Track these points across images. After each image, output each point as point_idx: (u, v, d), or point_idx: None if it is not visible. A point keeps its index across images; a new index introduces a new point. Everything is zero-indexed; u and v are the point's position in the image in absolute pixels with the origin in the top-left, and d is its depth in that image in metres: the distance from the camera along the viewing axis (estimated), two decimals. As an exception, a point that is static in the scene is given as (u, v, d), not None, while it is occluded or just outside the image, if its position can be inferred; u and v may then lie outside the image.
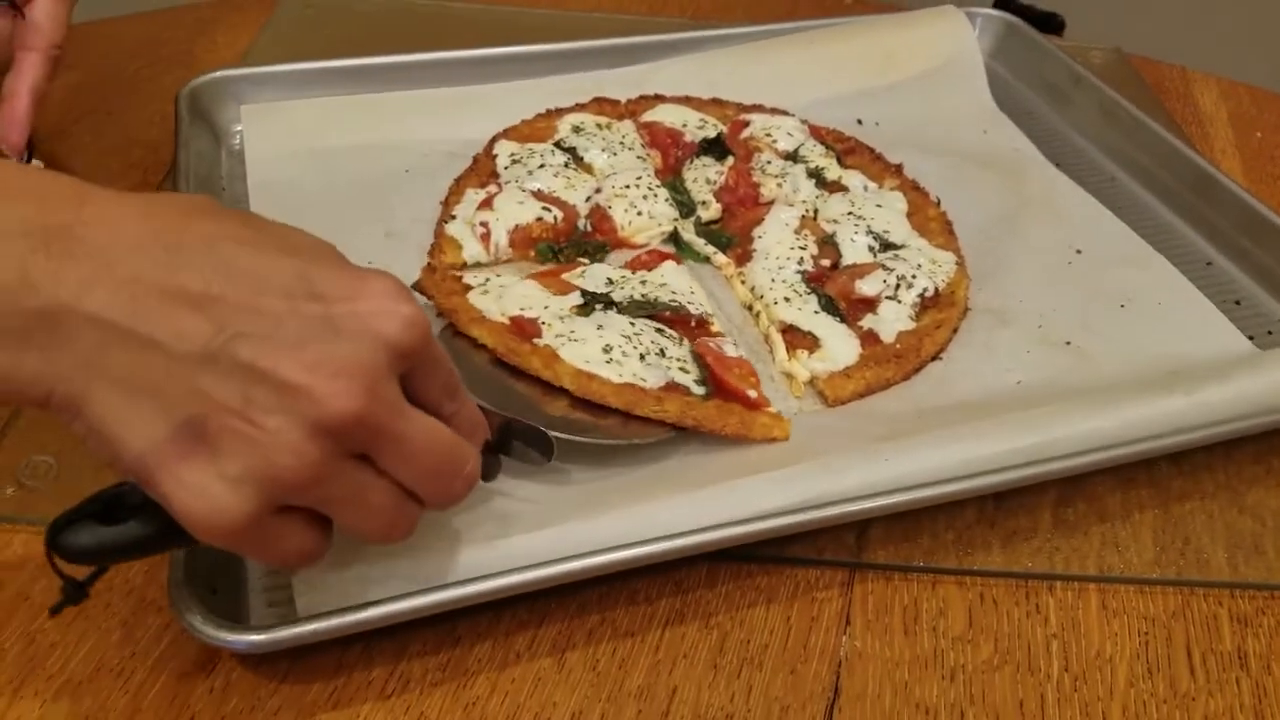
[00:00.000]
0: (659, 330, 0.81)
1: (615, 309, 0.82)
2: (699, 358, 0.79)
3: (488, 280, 0.83)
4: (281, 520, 0.50)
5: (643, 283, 0.86)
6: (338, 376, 0.46)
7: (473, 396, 0.60)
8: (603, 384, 0.73)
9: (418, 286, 0.84)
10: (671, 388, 0.75)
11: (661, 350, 0.78)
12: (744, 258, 0.94)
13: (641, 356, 0.76)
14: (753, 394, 0.76)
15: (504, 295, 0.81)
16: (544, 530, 0.64)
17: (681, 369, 0.77)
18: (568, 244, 0.95)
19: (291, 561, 0.54)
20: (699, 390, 0.76)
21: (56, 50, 0.89)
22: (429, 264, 0.85)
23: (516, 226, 0.93)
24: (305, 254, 0.50)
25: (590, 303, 0.82)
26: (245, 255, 0.48)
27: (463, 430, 0.56)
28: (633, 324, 0.79)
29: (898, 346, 0.84)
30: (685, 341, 0.81)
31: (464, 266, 0.92)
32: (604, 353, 0.76)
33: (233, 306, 0.47)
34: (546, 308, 0.80)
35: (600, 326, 0.78)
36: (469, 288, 0.83)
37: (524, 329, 0.78)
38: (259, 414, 0.46)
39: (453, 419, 0.55)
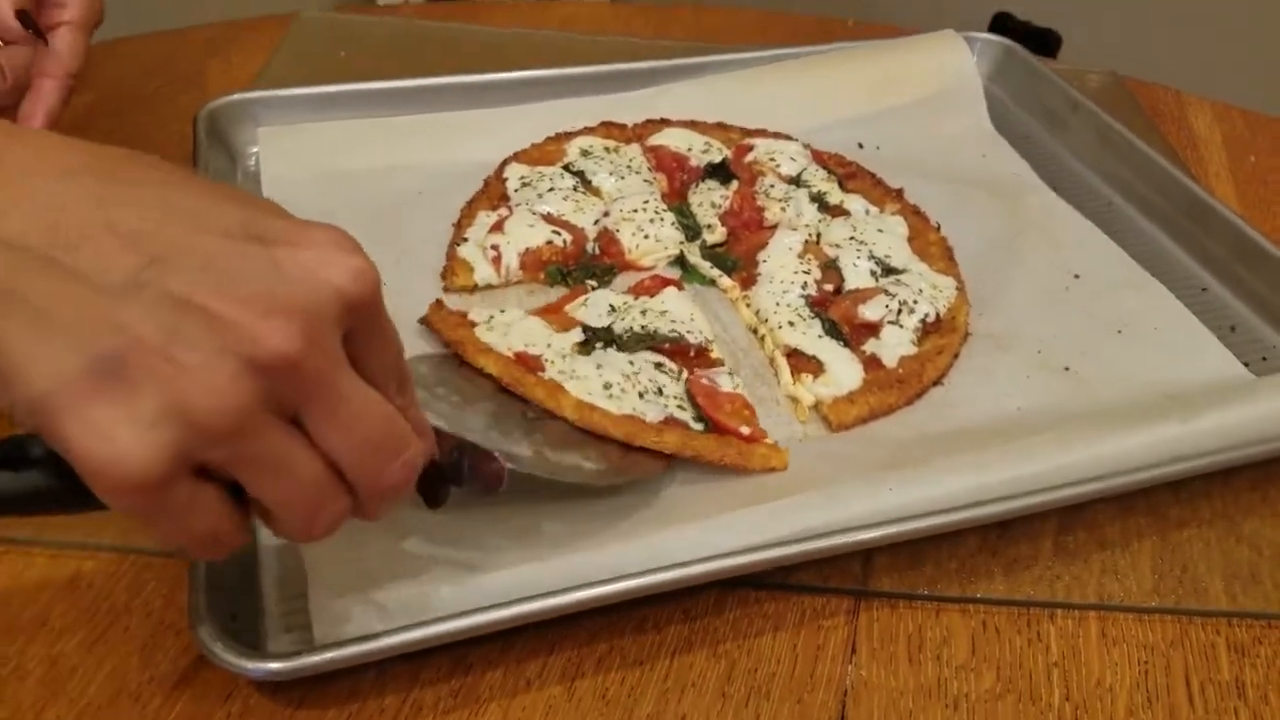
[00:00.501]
0: (658, 365, 0.82)
1: (615, 346, 0.83)
2: (692, 398, 0.80)
3: (492, 317, 0.85)
4: (194, 489, 0.45)
5: (643, 312, 0.88)
6: (273, 313, 0.43)
7: (436, 419, 0.57)
8: (604, 415, 0.75)
9: (424, 321, 0.85)
10: (671, 422, 0.77)
11: (659, 388, 0.79)
12: (749, 281, 0.95)
13: (640, 395, 0.78)
14: (746, 429, 0.77)
15: (509, 332, 0.82)
16: (552, 559, 0.65)
17: (679, 406, 0.79)
18: (576, 266, 0.97)
19: (199, 544, 0.48)
20: (697, 426, 0.78)
21: (73, 79, 0.91)
22: (436, 301, 0.87)
23: (527, 249, 0.95)
24: (251, 202, 0.48)
25: (591, 339, 0.84)
26: (186, 196, 0.46)
27: None
28: (631, 362, 0.81)
29: (900, 371, 0.85)
30: (682, 376, 0.82)
31: (475, 289, 0.94)
32: (604, 389, 0.77)
33: (167, 241, 0.43)
34: (549, 345, 0.82)
35: (600, 366, 0.80)
36: (474, 324, 0.84)
37: (528, 364, 0.80)
38: (183, 349, 0.41)
39: (400, 413, 0.51)
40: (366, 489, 0.50)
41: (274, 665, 0.59)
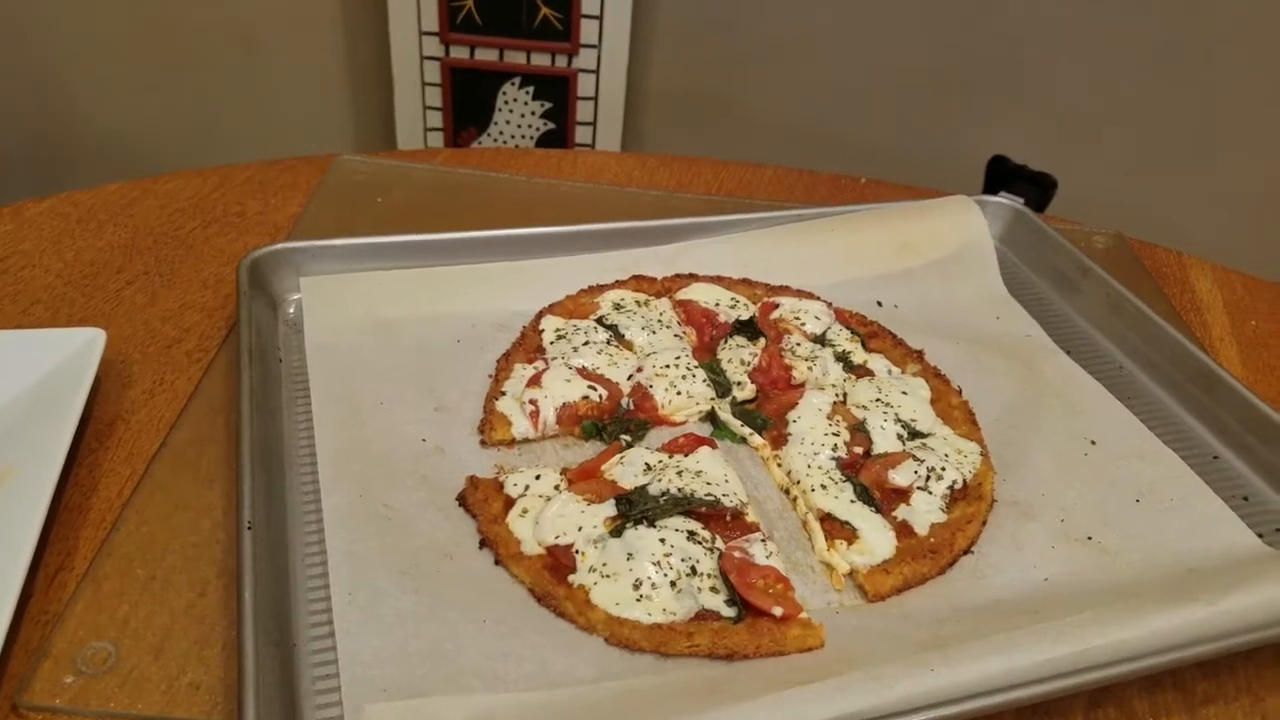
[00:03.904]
0: (690, 535, 0.83)
1: (646, 520, 0.84)
2: (725, 575, 0.81)
3: (527, 489, 0.87)
4: None
5: (679, 472, 0.90)
6: None
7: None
8: (634, 628, 0.77)
9: (461, 500, 0.88)
10: (703, 616, 0.78)
11: (693, 567, 0.81)
12: (779, 440, 0.98)
13: (673, 584, 0.79)
14: (778, 610, 0.78)
15: (541, 517, 0.84)
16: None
17: (712, 589, 0.80)
18: (611, 421, 0.99)
19: None
20: (729, 612, 0.79)
21: None
22: (470, 479, 0.89)
23: (564, 404, 0.97)
24: None
25: (623, 514, 0.85)
26: None
27: None
28: (663, 540, 0.82)
29: (932, 540, 0.87)
30: (716, 545, 0.83)
31: (512, 443, 0.96)
32: (634, 589, 0.79)
33: None
34: (580, 529, 0.83)
35: (631, 555, 0.81)
36: (510, 501, 0.86)
37: (559, 560, 0.81)
38: None
39: None
40: None
41: None
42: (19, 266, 1.15)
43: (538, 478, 0.89)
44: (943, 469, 0.93)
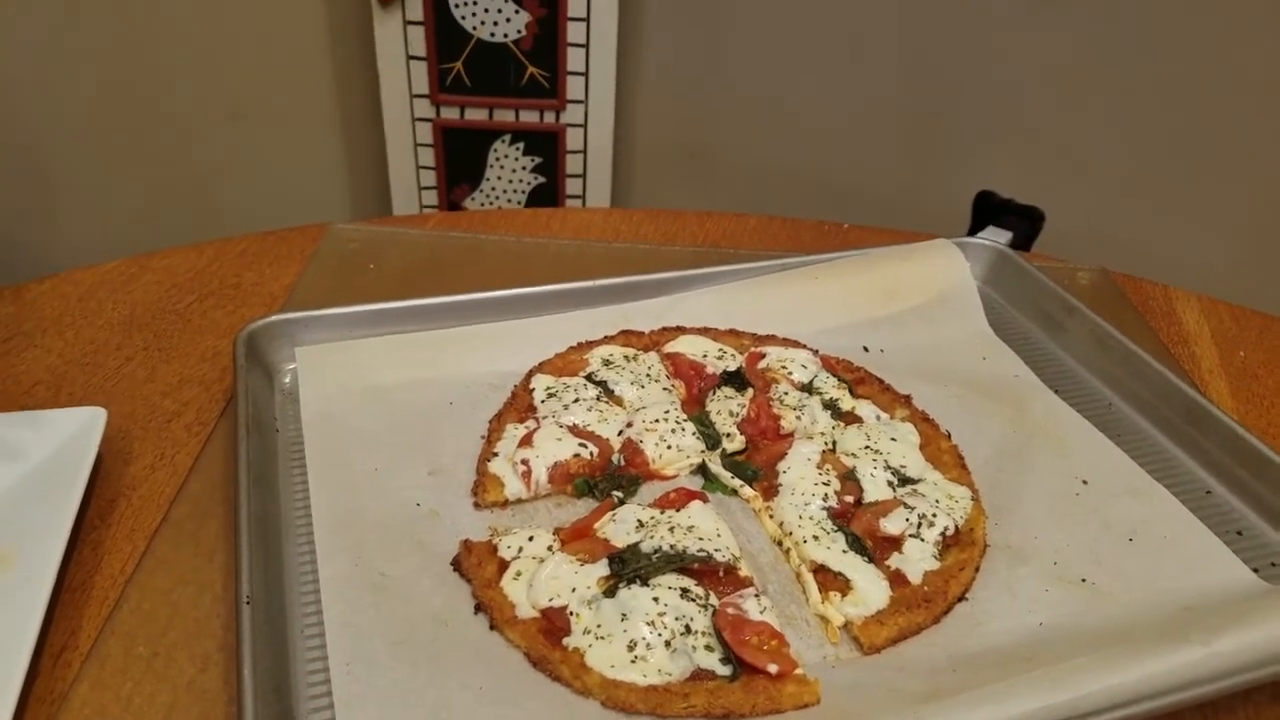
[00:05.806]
0: (684, 592, 0.83)
1: (639, 579, 0.84)
2: (719, 633, 0.81)
3: (520, 551, 0.88)
4: None
5: (671, 529, 0.90)
6: None
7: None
8: (630, 690, 0.77)
9: (456, 564, 0.88)
10: (698, 675, 0.78)
11: (687, 626, 0.81)
12: (770, 491, 0.98)
13: (667, 643, 0.79)
14: (774, 667, 0.78)
15: (535, 579, 0.85)
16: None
17: (707, 647, 0.80)
18: (603, 477, 1.00)
19: None
20: (724, 670, 0.79)
21: None
22: (464, 542, 0.90)
23: (555, 463, 0.99)
24: None
25: (616, 574, 0.85)
26: None
27: None
28: (656, 600, 0.82)
29: (926, 589, 0.88)
30: (709, 602, 0.83)
31: (505, 503, 0.97)
32: (629, 650, 0.79)
33: None
34: (574, 590, 0.84)
35: (625, 616, 0.81)
36: (504, 564, 0.87)
37: (554, 623, 0.82)
38: None
39: None
40: None
41: None
42: (21, 348, 1.18)
43: (531, 539, 0.90)
44: (934, 515, 0.93)
